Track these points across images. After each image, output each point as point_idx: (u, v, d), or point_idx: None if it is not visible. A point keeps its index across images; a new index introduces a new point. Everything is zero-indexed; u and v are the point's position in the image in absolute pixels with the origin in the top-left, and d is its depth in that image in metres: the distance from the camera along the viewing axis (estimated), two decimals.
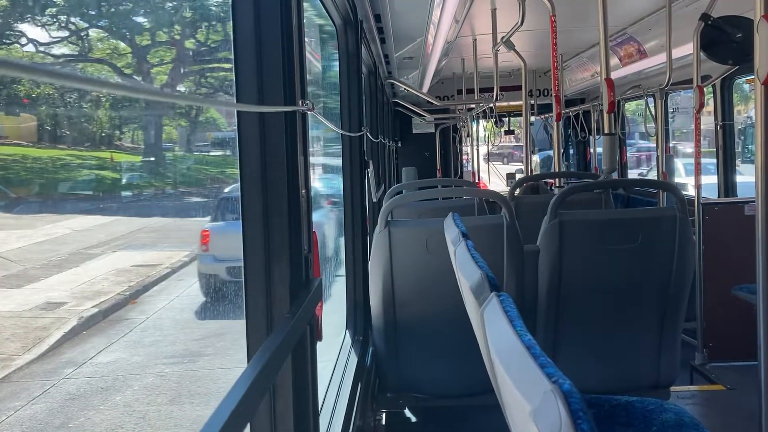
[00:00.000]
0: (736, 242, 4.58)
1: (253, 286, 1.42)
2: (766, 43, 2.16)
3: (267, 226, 1.42)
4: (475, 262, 1.63)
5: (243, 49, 1.39)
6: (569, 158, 12.88)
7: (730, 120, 6.77)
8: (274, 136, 1.41)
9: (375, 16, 4.40)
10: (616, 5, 6.08)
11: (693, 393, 4.38)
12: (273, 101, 1.40)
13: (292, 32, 1.46)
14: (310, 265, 1.56)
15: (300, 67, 1.53)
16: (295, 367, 1.46)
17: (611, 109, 3.84)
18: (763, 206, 2.42)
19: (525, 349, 1.04)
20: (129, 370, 5.81)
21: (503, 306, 1.25)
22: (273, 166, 1.41)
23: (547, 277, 3.04)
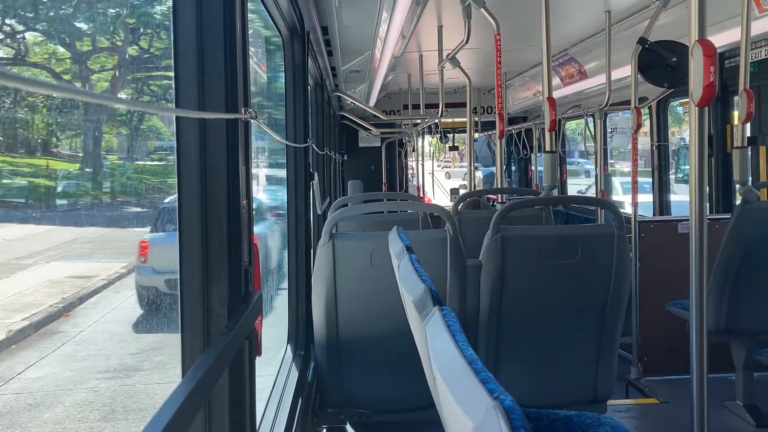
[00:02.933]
0: (671, 259, 4.73)
1: (190, 299, 1.37)
2: (699, 67, 2.24)
3: (205, 238, 1.37)
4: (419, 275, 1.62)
5: (183, 54, 1.35)
6: (511, 175, 13.11)
7: (665, 141, 7.01)
8: (214, 144, 1.37)
9: (322, 28, 4.39)
10: (559, 26, 6.24)
11: (628, 406, 4.48)
12: (214, 108, 1.37)
13: (236, 38, 1.43)
14: (250, 278, 1.52)
15: (243, 74, 1.49)
16: (232, 382, 1.42)
17: (552, 127, 3.93)
18: (696, 225, 2.50)
19: (467, 364, 1.03)
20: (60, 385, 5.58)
21: (446, 320, 1.24)
22: (213, 176, 1.37)
23: (488, 292, 3.07)
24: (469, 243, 3.69)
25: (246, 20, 1.56)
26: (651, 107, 6.93)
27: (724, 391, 4.24)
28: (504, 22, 4.96)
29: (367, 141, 11.96)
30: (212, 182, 1.37)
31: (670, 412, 4.28)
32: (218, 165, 1.38)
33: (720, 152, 5.92)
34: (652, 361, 4.85)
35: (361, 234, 3.60)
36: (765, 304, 3.97)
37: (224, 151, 1.38)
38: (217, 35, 1.37)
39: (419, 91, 8.74)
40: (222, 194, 1.39)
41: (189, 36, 1.35)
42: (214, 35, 1.37)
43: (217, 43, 1.37)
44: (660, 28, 4.99)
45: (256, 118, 1.52)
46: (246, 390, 1.50)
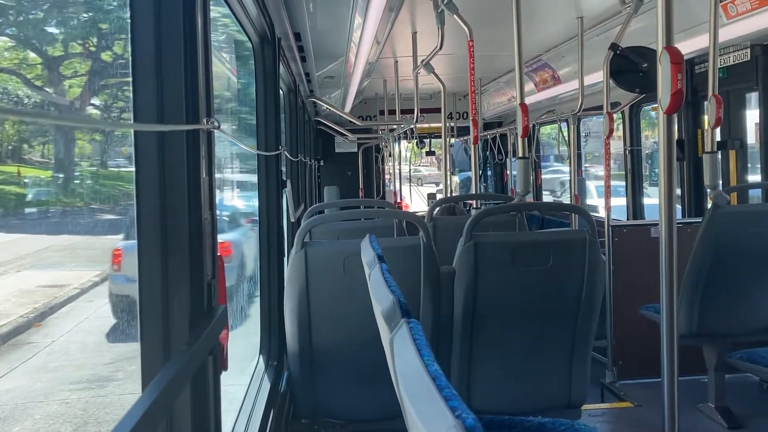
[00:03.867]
0: (644, 263, 4.76)
1: (149, 313, 1.34)
2: (667, 74, 2.25)
3: (165, 252, 1.34)
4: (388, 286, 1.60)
5: (141, 65, 1.32)
6: (487, 180, 13.17)
7: (638, 145, 7.08)
8: (174, 156, 1.34)
9: (295, 35, 4.36)
10: (532, 32, 6.28)
11: (603, 411, 4.50)
12: (174, 120, 1.34)
13: (197, 46, 1.40)
14: (213, 292, 1.49)
15: (206, 84, 1.46)
16: (195, 397, 1.39)
17: (525, 133, 3.94)
18: (666, 229, 2.52)
19: (431, 380, 1.02)
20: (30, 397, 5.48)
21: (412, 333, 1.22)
22: (173, 188, 1.34)
23: (462, 298, 3.06)
24: (444, 249, 3.68)
25: (209, 28, 1.53)
26: (624, 112, 7.00)
27: (697, 393, 4.28)
28: (477, 28, 4.98)
29: (343, 146, 11.94)
30: (172, 195, 1.34)
31: (644, 415, 4.30)
32: (178, 177, 1.35)
33: (692, 157, 5.99)
34: (627, 365, 4.88)
35: (334, 242, 3.57)
36: (736, 308, 4.02)
37: (185, 163, 1.35)
38: (176, 44, 1.34)
39: (395, 97, 8.75)
40: (182, 207, 1.36)
41: (147, 45, 1.32)
42: (174, 44, 1.34)
43: (176, 52, 1.34)
44: (631, 34, 5.04)
45: (219, 128, 1.49)
46: (210, 404, 1.47)
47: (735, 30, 4.50)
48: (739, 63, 5.18)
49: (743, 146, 5.46)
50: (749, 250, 3.90)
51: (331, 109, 8.14)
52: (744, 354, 3.56)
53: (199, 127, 1.39)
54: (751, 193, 5.56)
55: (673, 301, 2.55)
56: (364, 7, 4.10)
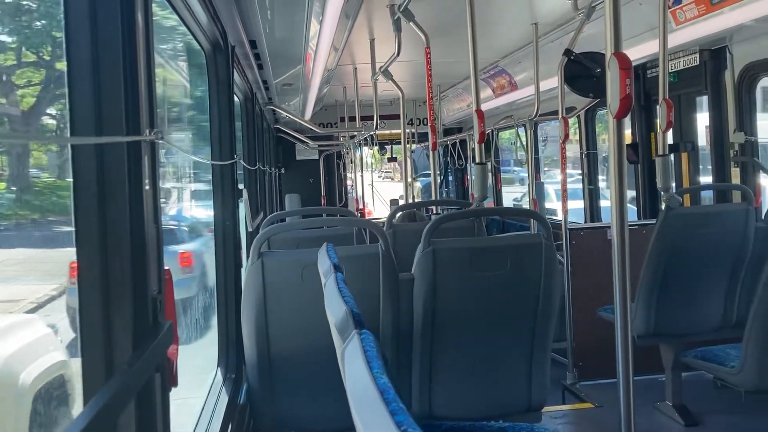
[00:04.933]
0: (601, 265, 4.82)
1: (90, 331, 1.29)
2: (616, 80, 2.29)
3: (107, 269, 1.30)
4: (342, 296, 1.58)
5: (77, 74, 1.27)
6: (449, 184, 13.24)
7: (594, 149, 7.19)
8: (114, 169, 1.30)
9: (250, 42, 4.32)
10: (489, 39, 6.34)
11: (565, 412, 4.54)
12: (113, 131, 1.30)
13: (137, 54, 1.36)
14: (159, 307, 1.45)
15: (148, 93, 1.43)
16: (141, 415, 1.35)
17: (482, 139, 3.97)
18: (618, 232, 2.55)
19: (378, 393, 1.01)
20: None
21: (363, 345, 1.21)
22: (113, 203, 1.30)
23: (421, 305, 3.06)
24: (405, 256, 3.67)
25: (151, 33, 1.49)
26: (580, 116, 7.11)
27: (655, 392, 4.35)
28: (434, 35, 5.01)
29: (304, 154, 11.88)
30: (112, 209, 1.30)
31: (604, 415, 4.36)
32: (119, 191, 1.31)
33: (645, 159, 6.11)
34: (587, 366, 4.94)
35: (291, 251, 3.54)
36: (690, 307, 4.10)
37: (125, 175, 1.32)
38: (115, 51, 1.30)
39: (355, 104, 8.74)
40: (124, 222, 1.32)
41: (83, 53, 1.27)
42: (112, 51, 1.30)
43: (115, 59, 1.30)
44: (585, 40, 5.12)
45: (163, 139, 1.45)
46: (158, 422, 1.44)
47: (684, 35, 4.61)
48: (689, 67, 5.30)
49: (695, 149, 5.59)
50: (701, 250, 3.99)
51: (291, 116, 8.10)
52: (698, 353, 3.64)
53: (141, 138, 1.35)
54: (703, 194, 5.69)
55: (627, 302, 2.58)
56: (320, 14, 4.08)
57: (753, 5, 3.87)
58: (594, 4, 4.79)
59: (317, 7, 3.91)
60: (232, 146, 3.35)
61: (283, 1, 3.88)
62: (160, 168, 1.51)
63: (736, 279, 4.09)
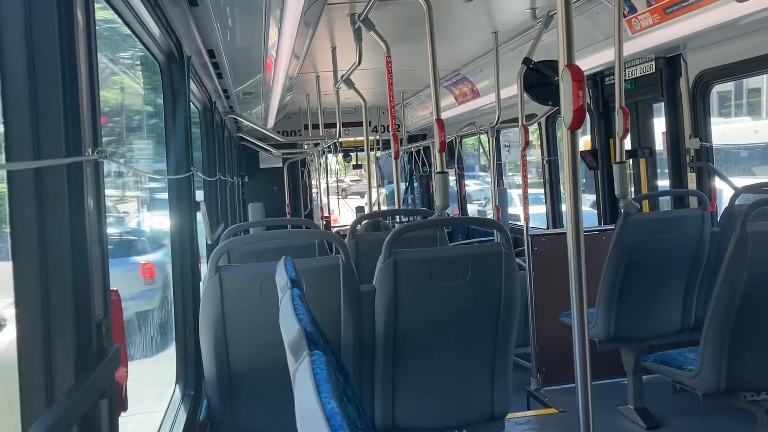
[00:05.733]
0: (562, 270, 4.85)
1: (28, 361, 1.24)
2: (569, 91, 2.31)
3: (47, 294, 1.25)
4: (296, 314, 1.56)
5: (11, 94, 1.22)
6: (414, 191, 13.26)
7: (554, 155, 7.27)
8: (53, 192, 1.25)
9: (208, 51, 4.26)
10: (450, 47, 6.37)
11: (529, 418, 4.56)
12: (51, 153, 1.25)
13: (78, 69, 1.31)
14: (105, 331, 1.41)
15: (91, 111, 1.38)
16: None
17: (443, 148, 3.98)
18: (573, 240, 2.58)
19: (325, 420, 0.99)
20: None
21: (313, 367, 1.19)
22: (52, 226, 1.25)
23: (383, 316, 3.04)
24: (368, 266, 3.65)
25: (93, 46, 1.44)
26: (540, 123, 7.18)
27: (617, 395, 4.40)
28: (394, 44, 5.01)
29: (268, 162, 11.78)
30: (52, 233, 1.25)
31: (567, 420, 4.39)
32: (59, 213, 1.26)
33: (605, 165, 6.19)
34: (551, 371, 4.97)
35: (249, 265, 3.49)
36: (649, 312, 4.16)
37: (65, 197, 1.27)
38: (53, 65, 1.25)
39: (318, 111, 8.71)
40: (65, 244, 1.27)
41: (18, 71, 1.22)
42: (50, 66, 1.24)
43: (53, 75, 1.24)
44: (544, 48, 5.17)
45: (107, 158, 1.41)
46: None
47: (640, 44, 4.69)
48: (645, 75, 5.39)
49: (652, 154, 5.68)
50: (659, 255, 4.05)
51: (253, 125, 8.03)
52: (657, 357, 3.68)
53: (82, 158, 1.31)
54: (661, 199, 5.79)
55: (584, 308, 2.60)
56: (278, 23, 4.05)
57: (706, 14, 3.96)
58: (552, 13, 4.85)
59: (276, 16, 3.88)
60: (188, 158, 3.29)
61: (240, 11, 3.83)
62: (104, 187, 1.47)
63: (693, 283, 4.16)
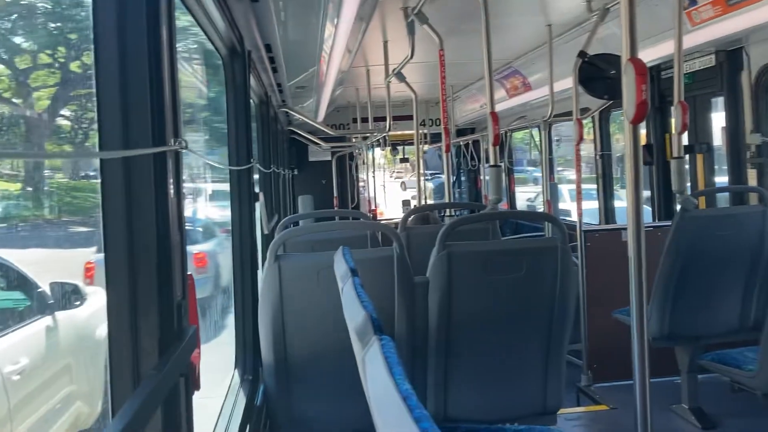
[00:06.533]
0: (616, 267, 4.81)
1: (118, 338, 1.32)
2: (632, 85, 2.29)
3: (133, 276, 1.33)
4: (360, 301, 1.60)
5: (105, 88, 1.30)
6: (461, 185, 13.22)
7: (608, 150, 7.17)
8: (141, 180, 1.33)
9: (265, 46, 4.35)
10: (502, 40, 6.34)
11: (579, 414, 4.54)
12: (140, 144, 1.33)
13: (162, 66, 1.39)
14: (183, 313, 1.48)
15: (173, 103, 1.46)
16: (167, 420, 1.38)
17: (496, 141, 3.97)
18: (634, 235, 2.56)
19: (401, 399, 1.02)
20: None
21: (383, 351, 1.22)
22: (139, 212, 1.33)
23: (436, 309, 3.07)
24: (418, 259, 3.69)
25: (174, 44, 1.52)
26: (594, 117, 7.09)
27: (670, 394, 4.34)
28: (447, 37, 5.01)
29: (317, 155, 11.91)
30: (139, 218, 1.33)
31: (619, 418, 4.35)
32: (145, 200, 1.34)
33: (660, 161, 6.08)
34: (602, 368, 4.93)
35: (307, 255, 3.56)
36: (706, 310, 4.08)
37: (152, 185, 1.35)
38: (141, 64, 1.33)
39: (367, 105, 8.76)
40: (150, 230, 1.35)
41: (111, 68, 1.30)
42: (139, 65, 1.33)
43: (142, 72, 1.33)
44: (599, 41, 5.11)
45: (187, 148, 1.48)
46: (183, 426, 1.46)
47: (699, 36, 4.59)
48: (704, 68, 5.28)
49: (710, 150, 5.56)
50: (717, 252, 3.97)
51: (304, 118, 8.13)
52: (715, 356, 3.62)
53: (166, 149, 1.38)
54: (718, 196, 5.66)
55: (642, 305, 2.59)
56: (334, 17, 4.10)
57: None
58: (608, 5, 4.78)
59: (332, 11, 3.94)
60: (248, 151, 3.38)
61: (298, 6, 3.90)
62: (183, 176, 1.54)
63: (752, 281, 4.07)
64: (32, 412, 3.03)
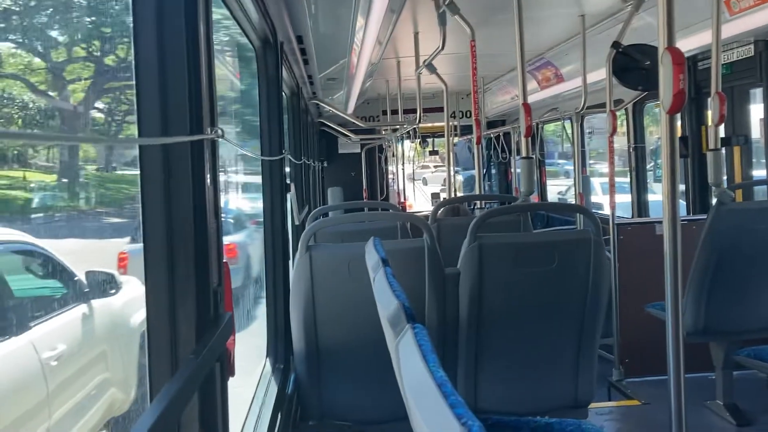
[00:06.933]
0: (649, 261, 4.76)
1: (156, 324, 1.35)
2: (669, 75, 2.25)
3: (171, 263, 1.35)
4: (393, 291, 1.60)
5: (144, 76, 1.33)
6: (491, 178, 13.15)
7: (641, 143, 7.07)
8: (179, 167, 1.35)
9: (297, 38, 4.37)
10: (534, 31, 6.27)
11: (611, 409, 4.50)
12: (178, 131, 1.35)
13: (200, 55, 1.41)
14: (220, 299, 1.50)
15: (209, 92, 1.47)
16: (203, 405, 1.40)
17: (528, 133, 3.94)
18: (670, 227, 2.52)
19: (436, 387, 1.02)
20: None
21: (417, 339, 1.23)
22: (177, 199, 1.35)
23: (467, 300, 3.06)
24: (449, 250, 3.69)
25: (211, 35, 1.54)
26: (627, 109, 6.99)
27: (704, 390, 4.27)
28: (479, 28, 4.98)
29: (347, 147, 11.94)
30: (177, 206, 1.35)
31: (651, 413, 4.30)
32: (183, 187, 1.36)
33: (696, 153, 5.98)
34: (634, 363, 4.88)
35: (338, 245, 3.58)
36: (742, 305, 4.01)
37: (189, 173, 1.37)
38: (179, 54, 1.35)
39: (397, 97, 8.75)
40: (188, 217, 1.37)
41: (149, 57, 1.33)
42: (177, 54, 1.35)
43: (180, 62, 1.35)
44: (634, 32, 5.03)
45: (223, 137, 1.50)
46: (218, 412, 1.48)
47: (738, 26, 4.49)
48: (742, 58, 5.17)
49: (748, 142, 5.44)
50: (754, 247, 3.90)
51: (334, 110, 8.15)
52: (751, 351, 3.56)
53: (203, 137, 1.40)
54: (756, 189, 5.55)
55: (678, 299, 2.55)
56: (366, 9, 4.10)
57: None
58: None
59: (363, 3, 3.94)
60: (281, 142, 3.40)
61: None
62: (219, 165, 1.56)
63: None
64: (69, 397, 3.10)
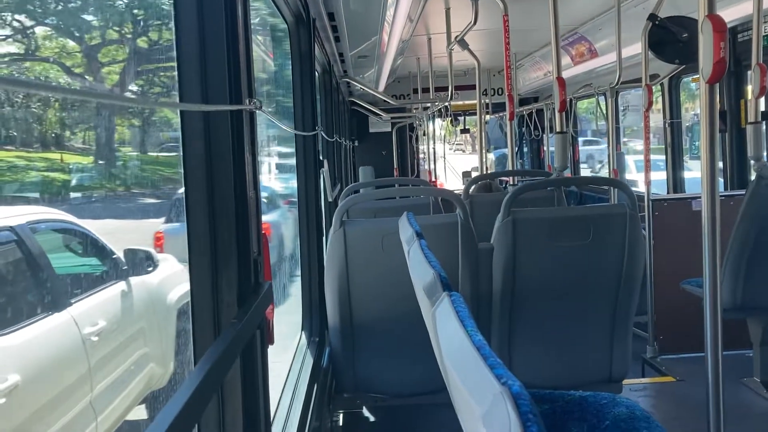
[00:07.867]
0: (685, 237, 4.69)
1: (199, 291, 1.38)
2: (709, 43, 2.21)
3: (213, 230, 1.38)
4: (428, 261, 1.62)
5: (186, 47, 1.35)
6: (523, 156, 13.04)
7: (677, 118, 6.93)
8: (219, 136, 1.38)
9: (328, 15, 4.37)
10: (568, 5, 6.17)
11: (645, 385, 4.48)
12: (218, 100, 1.37)
13: (238, 28, 1.43)
14: (260, 268, 1.53)
15: (247, 65, 1.49)
16: (245, 371, 1.44)
17: (563, 108, 3.90)
18: (708, 202, 2.49)
19: (475, 350, 1.03)
20: None
21: (454, 306, 1.24)
22: (219, 168, 1.38)
23: (501, 275, 3.07)
24: (481, 226, 3.68)
25: (248, 8, 1.56)
26: (663, 84, 6.85)
27: (740, 367, 4.23)
28: (512, 2, 4.92)
29: (377, 126, 11.93)
30: (218, 174, 1.38)
31: (686, 390, 4.27)
32: (224, 157, 1.39)
33: (734, 128, 5.85)
34: (668, 340, 4.84)
35: (372, 220, 3.60)
36: None
37: (229, 142, 1.39)
38: (219, 26, 1.37)
39: (428, 75, 8.70)
40: (228, 186, 1.39)
41: (191, 28, 1.35)
42: (216, 26, 1.37)
43: (219, 34, 1.37)
44: (670, 4, 4.92)
45: (261, 109, 1.52)
46: (259, 378, 1.52)
47: None
48: None
49: None
50: None
51: (365, 88, 8.14)
52: None
53: (242, 107, 1.42)
54: None
55: (716, 275, 2.52)
56: None
57: None
58: None
59: None
60: (314, 117, 3.42)
61: None
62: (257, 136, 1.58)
63: None
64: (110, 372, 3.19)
